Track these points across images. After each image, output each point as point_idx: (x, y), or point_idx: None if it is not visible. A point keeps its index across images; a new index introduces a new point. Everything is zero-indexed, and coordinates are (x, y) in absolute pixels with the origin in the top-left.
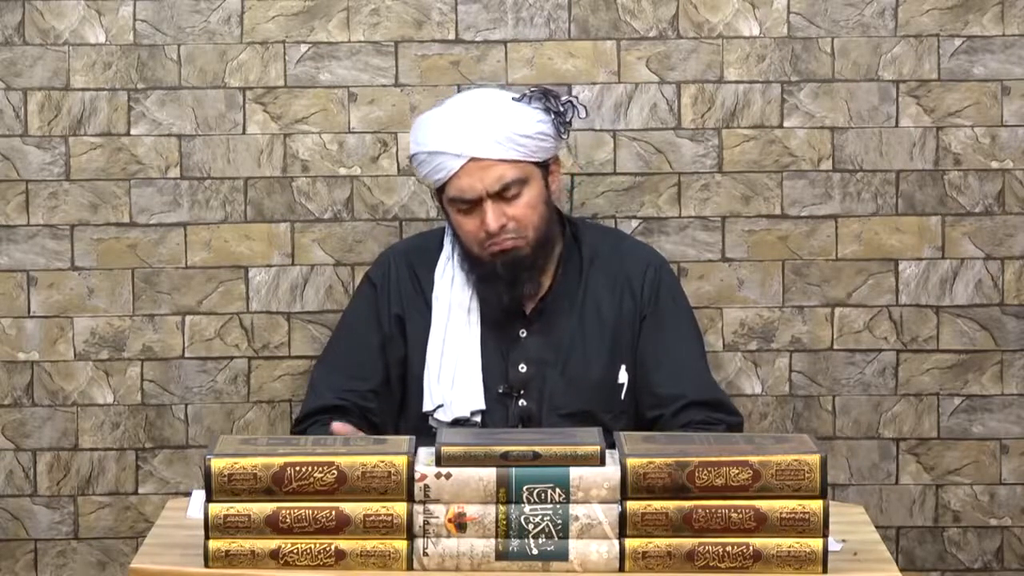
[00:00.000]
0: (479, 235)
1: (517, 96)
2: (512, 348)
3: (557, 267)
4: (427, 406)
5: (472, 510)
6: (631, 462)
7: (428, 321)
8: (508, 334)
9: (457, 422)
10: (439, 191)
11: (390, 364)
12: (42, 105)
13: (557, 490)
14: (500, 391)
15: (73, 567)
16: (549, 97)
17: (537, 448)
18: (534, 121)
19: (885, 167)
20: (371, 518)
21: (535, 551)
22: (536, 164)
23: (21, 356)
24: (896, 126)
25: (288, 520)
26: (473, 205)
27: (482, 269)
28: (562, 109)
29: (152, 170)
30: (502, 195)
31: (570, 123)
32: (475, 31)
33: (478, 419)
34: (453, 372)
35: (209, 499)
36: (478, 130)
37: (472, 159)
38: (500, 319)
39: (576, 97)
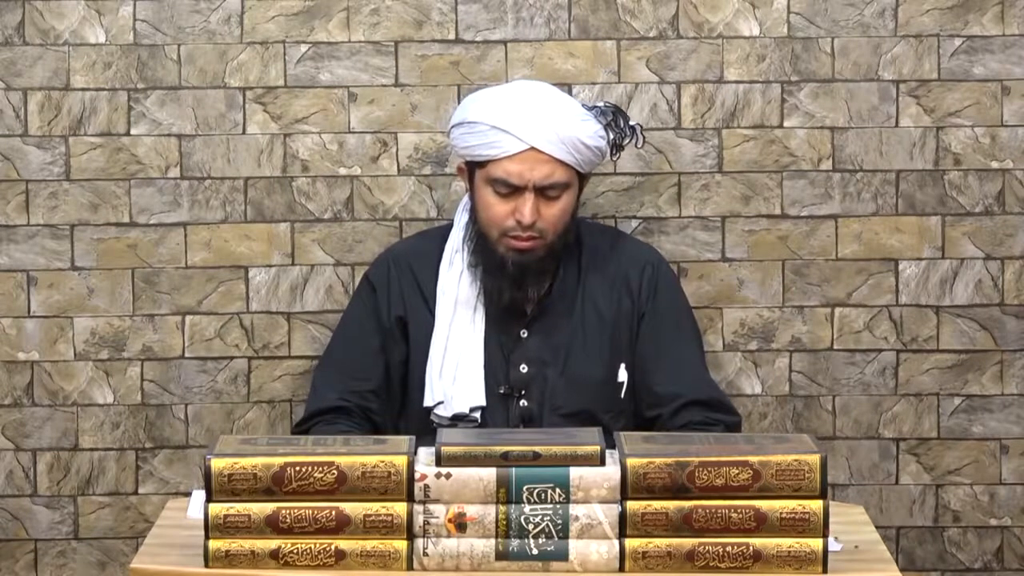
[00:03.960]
0: (506, 222)
1: (589, 106)
2: (514, 348)
3: (557, 267)
4: (427, 401)
5: (472, 510)
6: (631, 462)
7: (431, 321)
8: (510, 334)
9: (457, 418)
10: (475, 165)
11: (391, 365)
12: (42, 105)
13: (557, 490)
14: (501, 392)
15: (73, 567)
16: (617, 118)
17: (537, 448)
18: (596, 135)
19: (885, 167)
20: (371, 518)
21: (535, 551)
22: (578, 174)
23: (21, 356)
24: (896, 126)
25: (288, 520)
26: (513, 191)
27: (492, 258)
28: (625, 132)
29: (152, 170)
30: (544, 192)
31: (624, 147)
32: (475, 31)
33: (477, 415)
34: (455, 368)
35: (209, 499)
36: (549, 124)
37: (533, 148)
38: (503, 318)
39: (640, 125)
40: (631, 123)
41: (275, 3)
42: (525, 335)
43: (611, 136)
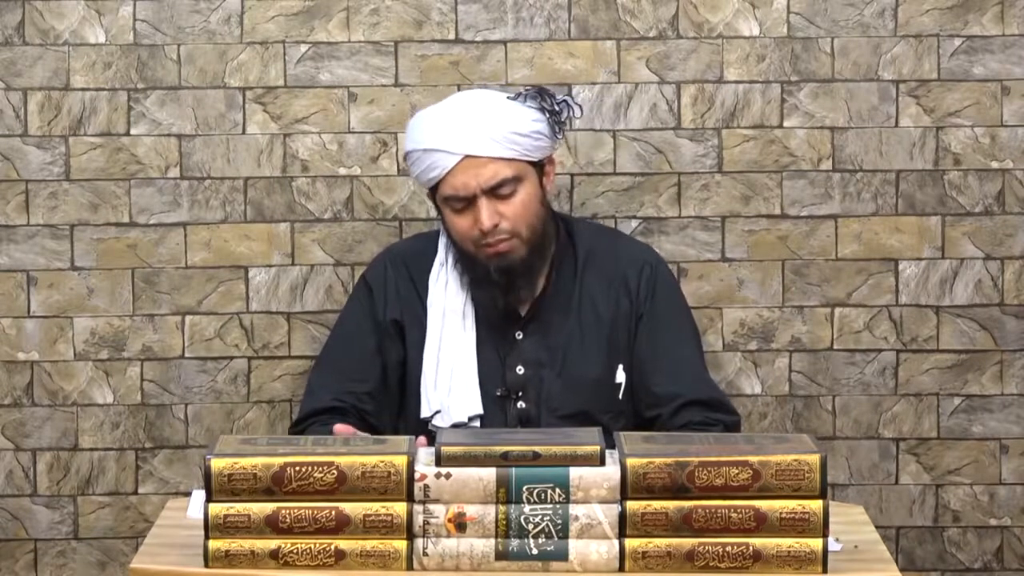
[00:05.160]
0: (473, 233)
1: (512, 95)
2: (509, 351)
3: (551, 267)
4: (424, 412)
5: (472, 510)
6: (631, 462)
7: (426, 325)
8: (504, 337)
9: (455, 427)
10: (433, 190)
11: (388, 366)
12: (42, 105)
13: (557, 490)
14: (498, 394)
15: (73, 567)
16: (544, 96)
17: (537, 448)
18: (529, 120)
19: (885, 167)
20: (371, 518)
21: (535, 551)
22: (531, 163)
23: (21, 356)
24: (896, 126)
25: (288, 520)
26: (467, 203)
27: (476, 271)
28: (557, 108)
29: (152, 170)
30: (496, 193)
31: (566, 122)
32: (475, 31)
33: (476, 424)
34: (450, 378)
35: (209, 499)
36: (474, 128)
37: (467, 156)
38: (496, 322)
39: (571, 96)
40: (561, 98)
41: (275, 3)
42: (520, 337)
43: (547, 116)
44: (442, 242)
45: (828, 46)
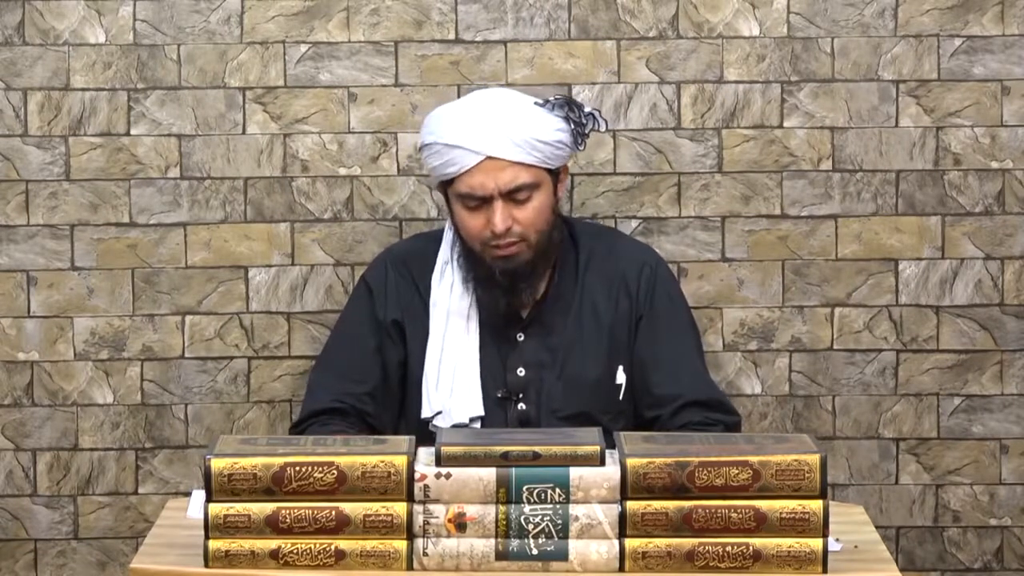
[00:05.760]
0: (483, 234)
1: (540, 102)
2: (510, 353)
3: (553, 269)
4: (426, 413)
5: (472, 510)
6: (631, 462)
7: (427, 325)
8: (506, 339)
9: (456, 427)
10: (445, 184)
11: (388, 367)
12: (42, 105)
13: (557, 490)
14: (499, 396)
15: (73, 567)
16: (572, 107)
17: (537, 448)
18: (554, 129)
19: (885, 167)
20: (371, 518)
21: (535, 551)
22: (548, 170)
23: (21, 356)
24: (896, 126)
25: (288, 520)
26: (482, 203)
27: (481, 270)
28: (583, 121)
29: (152, 170)
30: (513, 197)
31: (588, 135)
32: (475, 31)
33: (477, 425)
34: (452, 379)
35: (209, 499)
36: (499, 130)
37: (488, 157)
38: (497, 324)
39: (599, 110)
40: (588, 110)
41: (275, 3)
42: (521, 339)
43: (571, 127)
44: (446, 238)
45: (828, 46)
